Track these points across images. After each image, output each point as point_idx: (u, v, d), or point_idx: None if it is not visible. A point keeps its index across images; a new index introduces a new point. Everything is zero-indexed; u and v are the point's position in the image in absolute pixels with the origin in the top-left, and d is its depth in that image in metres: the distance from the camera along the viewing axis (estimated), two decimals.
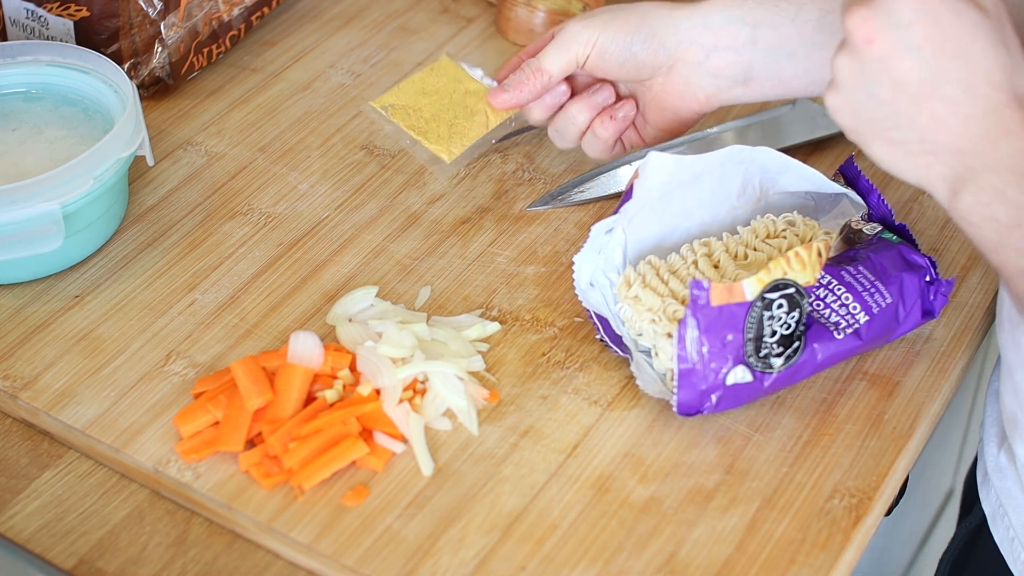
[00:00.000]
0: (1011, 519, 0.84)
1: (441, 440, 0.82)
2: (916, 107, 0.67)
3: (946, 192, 0.68)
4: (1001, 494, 0.85)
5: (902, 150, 0.68)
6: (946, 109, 0.66)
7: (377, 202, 0.99)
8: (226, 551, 0.78)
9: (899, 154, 0.69)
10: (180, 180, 1.01)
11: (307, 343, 0.83)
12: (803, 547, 0.76)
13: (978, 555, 0.91)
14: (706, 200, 0.86)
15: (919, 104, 0.66)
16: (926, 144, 0.67)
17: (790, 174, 0.87)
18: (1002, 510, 0.85)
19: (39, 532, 0.78)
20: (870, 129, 0.69)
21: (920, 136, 0.67)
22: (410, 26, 1.17)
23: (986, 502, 0.87)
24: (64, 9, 1.04)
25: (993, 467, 0.86)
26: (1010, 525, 0.84)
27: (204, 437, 0.81)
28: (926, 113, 0.66)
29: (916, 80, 0.66)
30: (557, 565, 0.75)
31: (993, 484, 0.86)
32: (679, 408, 0.79)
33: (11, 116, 0.96)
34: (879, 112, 0.68)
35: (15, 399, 0.84)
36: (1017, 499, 0.83)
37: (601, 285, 0.85)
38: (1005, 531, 0.85)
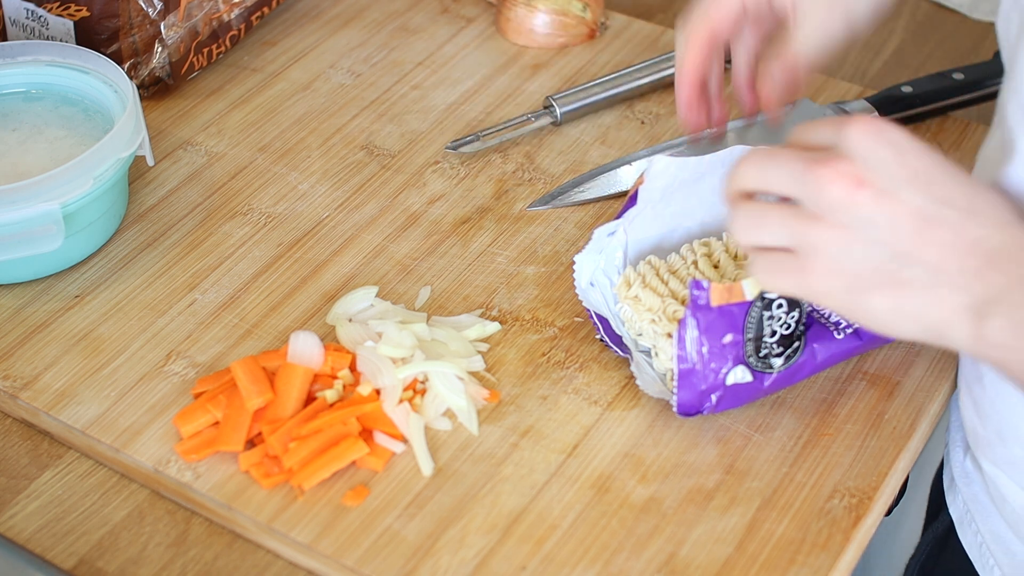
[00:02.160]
0: (979, 525, 0.84)
1: (441, 440, 0.82)
2: (919, 239, 0.63)
3: (970, 321, 0.63)
4: (968, 500, 0.85)
5: (910, 291, 0.64)
6: (952, 235, 0.63)
7: (377, 202, 0.99)
8: (226, 551, 0.78)
9: (907, 297, 0.64)
10: (180, 180, 1.01)
11: (307, 343, 0.84)
12: (803, 547, 0.76)
13: (946, 561, 0.91)
14: (706, 200, 0.86)
15: (921, 235, 0.63)
16: (939, 276, 0.63)
17: None
18: (969, 515, 0.85)
19: (39, 532, 0.78)
20: (867, 280, 0.64)
21: (932, 270, 0.63)
22: (410, 26, 1.17)
23: (953, 508, 0.87)
24: (64, 9, 1.04)
25: (960, 473, 0.86)
26: (978, 531, 0.84)
27: (204, 437, 0.81)
28: (930, 244, 0.63)
29: (912, 213, 0.63)
30: (557, 565, 0.75)
31: (960, 490, 0.86)
32: (679, 408, 0.79)
33: (11, 116, 0.96)
34: (877, 257, 0.64)
35: (15, 399, 0.84)
36: (984, 505, 0.83)
37: (601, 285, 0.85)
38: (973, 536, 0.85)
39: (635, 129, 1.05)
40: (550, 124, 1.05)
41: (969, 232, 0.63)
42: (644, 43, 1.14)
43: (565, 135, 1.05)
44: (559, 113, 1.05)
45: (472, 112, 1.07)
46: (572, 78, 1.11)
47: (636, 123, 1.06)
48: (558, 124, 1.05)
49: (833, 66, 1.14)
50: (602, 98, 1.06)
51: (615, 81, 1.07)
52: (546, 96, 1.06)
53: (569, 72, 1.11)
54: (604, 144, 1.04)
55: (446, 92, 1.09)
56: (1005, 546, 0.82)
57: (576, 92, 1.06)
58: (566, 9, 1.13)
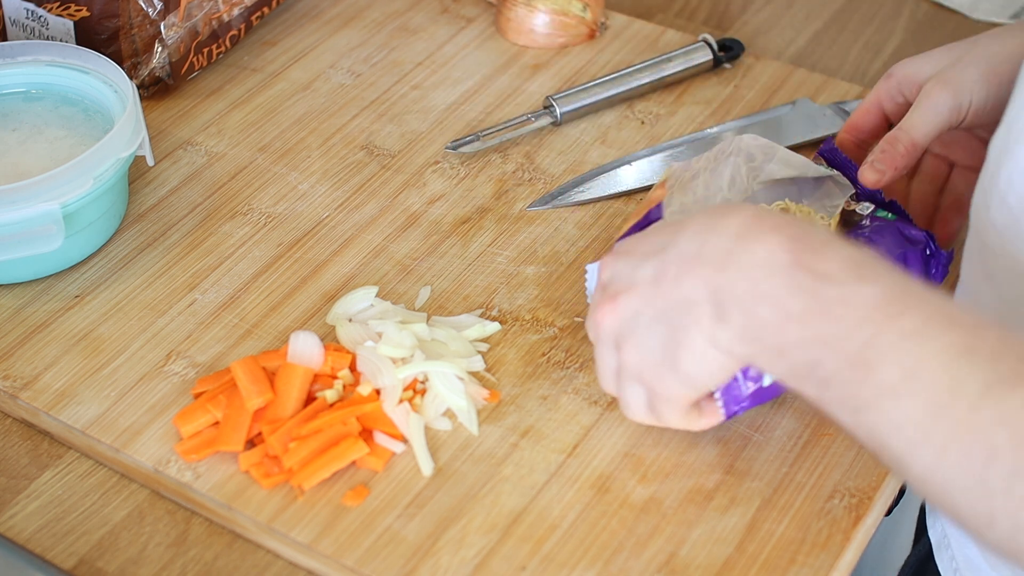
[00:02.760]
0: (954, 551, 0.84)
1: (441, 440, 0.82)
2: (668, 294, 0.68)
3: (723, 332, 0.67)
4: (946, 525, 0.85)
5: (692, 333, 0.68)
6: (677, 269, 0.68)
7: (377, 202, 0.99)
8: (226, 551, 0.78)
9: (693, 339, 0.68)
10: (180, 180, 1.01)
11: (307, 343, 0.84)
12: (803, 547, 0.76)
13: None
14: (700, 196, 0.86)
15: (666, 290, 0.68)
16: (693, 307, 0.67)
17: (774, 162, 0.86)
18: (946, 540, 0.85)
19: (39, 532, 0.78)
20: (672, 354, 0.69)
21: (687, 304, 0.68)
22: (410, 26, 1.17)
23: (932, 532, 0.87)
24: (64, 9, 1.04)
25: None
26: (953, 556, 0.84)
27: (204, 437, 0.81)
28: (673, 289, 0.68)
29: (652, 280, 0.69)
30: (557, 565, 0.75)
31: (939, 515, 0.86)
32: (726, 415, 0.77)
33: (11, 116, 0.96)
34: (662, 330, 0.69)
35: (15, 399, 0.84)
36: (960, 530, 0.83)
37: None
38: (949, 562, 0.85)
39: (635, 129, 1.05)
40: (550, 124, 1.05)
41: (687, 252, 0.67)
42: (644, 43, 1.14)
43: (565, 135, 1.05)
44: (559, 113, 1.05)
45: (472, 112, 1.07)
46: (572, 78, 1.11)
47: (636, 123, 1.06)
48: (558, 124, 1.05)
49: (833, 66, 1.14)
50: (602, 98, 1.06)
51: (615, 81, 1.07)
52: (546, 96, 1.06)
53: (569, 72, 1.11)
54: (604, 144, 1.04)
55: (446, 92, 1.09)
56: (977, 572, 0.82)
57: (576, 92, 1.06)
58: (566, 9, 1.13)
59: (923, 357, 0.60)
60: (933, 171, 0.91)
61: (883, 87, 0.87)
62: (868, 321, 0.61)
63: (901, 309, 0.61)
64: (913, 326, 0.60)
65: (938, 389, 0.59)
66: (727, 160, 0.86)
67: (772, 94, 1.09)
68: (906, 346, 0.60)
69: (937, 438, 0.59)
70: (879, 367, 0.60)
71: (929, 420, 0.59)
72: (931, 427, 0.59)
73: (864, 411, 0.62)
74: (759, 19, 1.21)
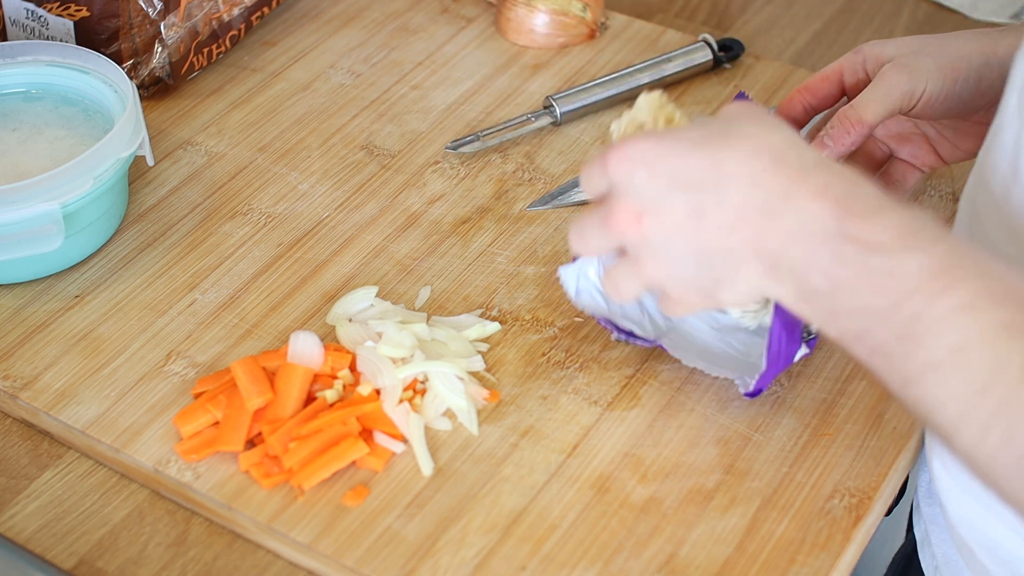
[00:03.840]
0: (934, 548, 0.84)
1: (441, 440, 0.82)
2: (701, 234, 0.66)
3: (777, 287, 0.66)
4: (928, 521, 0.85)
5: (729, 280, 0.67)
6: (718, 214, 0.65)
7: (377, 202, 0.99)
8: (226, 551, 0.78)
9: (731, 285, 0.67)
10: (180, 180, 1.01)
11: (307, 343, 0.84)
12: (803, 547, 0.76)
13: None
14: None
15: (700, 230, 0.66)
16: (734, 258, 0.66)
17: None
18: (928, 538, 0.85)
19: (39, 532, 0.78)
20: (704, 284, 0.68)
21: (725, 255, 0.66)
22: (410, 26, 1.17)
23: (916, 528, 0.88)
24: (64, 9, 1.04)
25: (924, 493, 0.86)
26: (933, 554, 0.84)
27: (204, 437, 0.81)
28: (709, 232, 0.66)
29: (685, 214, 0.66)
30: (557, 565, 0.75)
31: (923, 512, 0.86)
32: (752, 395, 0.81)
33: (11, 116, 0.96)
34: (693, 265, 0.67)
35: (15, 399, 0.84)
36: (941, 527, 0.83)
37: (586, 289, 0.84)
38: (930, 559, 0.85)
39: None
40: (550, 124, 1.05)
41: (729, 203, 0.65)
42: (644, 43, 1.14)
43: (565, 135, 1.05)
44: (559, 113, 1.05)
45: (472, 112, 1.07)
46: (572, 78, 1.11)
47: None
48: (558, 124, 1.05)
49: None
50: (602, 98, 1.06)
51: (615, 81, 1.07)
52: (546, 96, 1.06)
53: (569, 72, 1.11)
54: (604, 144, 1.04)
55: (446, 92, 1.09)
56: (955, 570, 0.82)
57: (576, 92, 1.06)
58: (566, 9, 1.13)
59: (970, 334, 0.59)
60: (872, 153, 0.92)
61: (848, 60, 0.88)
62: (916, 293, 0.60)
63: (950, 282, 0.60)
64: (961, 301, 0.59)
65: (983, 367, 0.59)
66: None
67: (772, 94, 1.09)
68: (953, 322, 0.59)
69: (981, 415, 0.59)
70: (925, 342, 0.60)
71: (973, 397, 0.59)
72: (975, 404, 0.59)
73: (911, 384, 0.61)
74: (759, 19, 1.21)
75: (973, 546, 0.79)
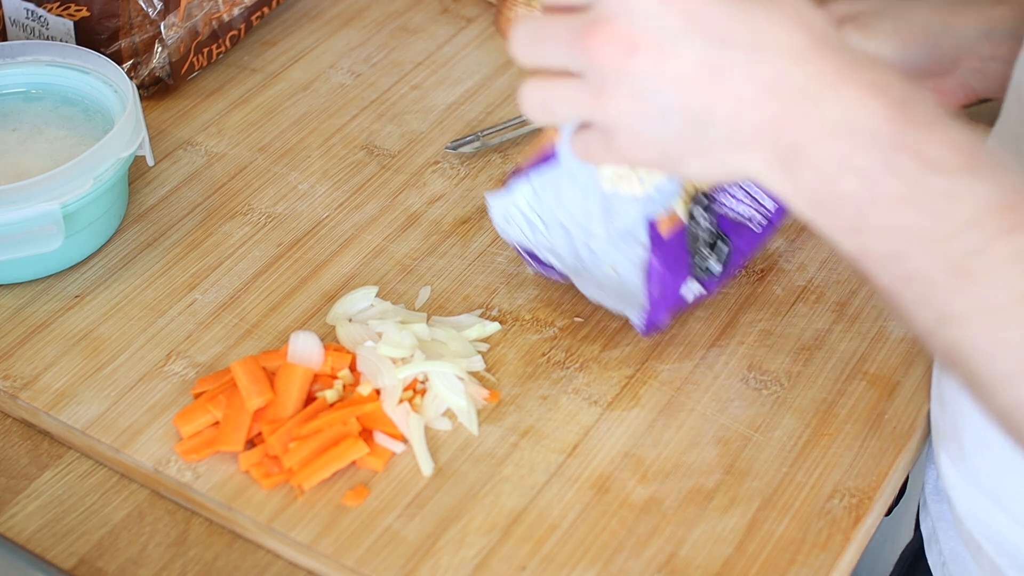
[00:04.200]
0: (942, 545, 0.84)
1: (441, 440, 0.82)
2: (708, 96, 0.56)
3: (783, 182, 0.57)
4: (936, 519, 0.85)
5: (717, 154, 0.58)
6: (740, 82, 0.56)
7: (377, 202, 0.99)
8: (226, 551, 0.78)
9: (717, 160, 0.58)
10: (180, 180, 1.01)
11: (307, 343, 0.84)
12: (803, 547, 0.76)
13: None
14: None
15: (709, 91, 0.56)
16: (739, 135, 0.57)
17: None
18: (935, 535, 0.85)
19: (39, 532, 0.78)
20: (676, 148, 0.58)
21: (728, 129, 0.57)
22: (410, 26, 1.17)
23: (923, 526, 0.87)
24: (64, 9, 1.04)
25: (931, 491, 0.86)
26: (941, 551, 0.84)
27: (204, 437, 0.81)
28: (720, 98, 0.56)
29: (695, 66, 0.56)
30: (557, 565, 0.75)
31: (930, 509, 0.86)
32: (644, 331, 0.85)
33: (11, 116, 0.96)
34: (676, 124, 0.58)
35: (15, 399, 0.84)
36: (949, 523, 0.83)
37: (515, 218, 0.84)
38: (937, 556, 0.85)
39: None
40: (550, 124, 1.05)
41: (758, 74, 0.56)
42: None
43: None
44: None
45: (472, 112, 1.07)
46: None
47: None
48: None
49: None
50: None
51: None
52: None
53: None
54: None
55: (446, 92, 1.09)
56: (963, 567, 0.82)
57: None
58: None
59: None
60: None
61: None
62: (978, 226, 0.53)
63: (1020, 220, 0.53)
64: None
65: None
66: None
67: None
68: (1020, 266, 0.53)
69: None
70: (983, 282, 0.53)
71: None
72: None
73: (952, 324, 0.55)
74: None
75: (980, 540, 0.79)
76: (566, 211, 0.83)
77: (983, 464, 0.77)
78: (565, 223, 0.83)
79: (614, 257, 0.82)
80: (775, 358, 0.86)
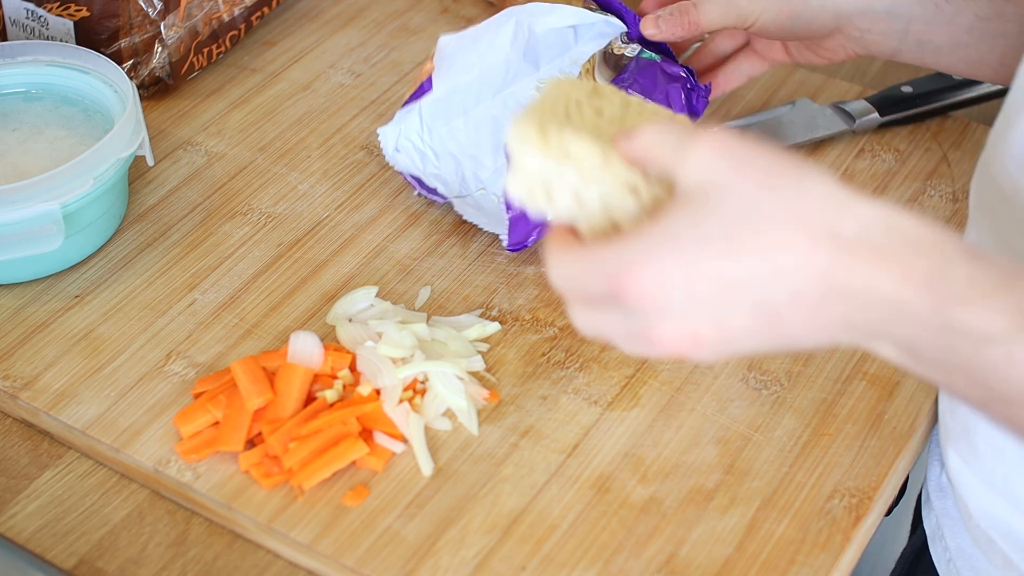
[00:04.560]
0: (947, 541, 0.84)
1: (441, 440, 0.82)
2: (777, 333, 0.58)
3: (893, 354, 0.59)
4: (940, 515, 0.85)
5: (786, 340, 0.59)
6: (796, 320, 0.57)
7: (377, 202, 0.99)
8: (226, 551, 0.78)
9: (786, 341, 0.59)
10: (180, 180, 1.01)
11: (307, 343, 0.84)
12: (803, 547, 0.76)
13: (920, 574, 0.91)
14: (484, 52, 0.94)
15: (776, 331, 0.58)
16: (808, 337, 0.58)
17: (554, 15, 0.93)
18: (940, 531, 0.85)
19: (39, 532, 0.78)
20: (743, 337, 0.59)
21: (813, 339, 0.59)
22: (410, 26, 1.17)
23: (927, 522, 0.87)
24: (64, 9, 1.04)
25: (935, 487, 0.86)
26: (947, 547, 0.84)
27: (204, 437, 0.81)
28: (789, 330, 0.58)
29: (751, 319, 0.57)
30: (557, 565, 0.75)
31: (934, 505, 0.86)
32: (510, 247, 0.90)
33: (11, 116, 0.96)
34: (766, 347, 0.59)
35: (15, 399, 0.84)
36: (954, 520, 0.83)
37: (406, 148, 0.95)
38: (943, 552, 0.85)
39: None
40: None
41: (804, 297, 0.56)
42: None
43: None
44: None
45: None
46: None
47: None
48: None
49: (833, 66, 1.14)
50: None
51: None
52: None
53: None
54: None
55: None
56: (970, 563, 0.82)
57: None
58: None
59: None
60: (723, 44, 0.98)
61: None
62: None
63: None
64: None
65: None
66: (509, 21, 0.93)
67: (772, 94, 1.09)
68: None
69: None
70: None
71: None
72: None
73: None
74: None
75: (994, 536, 0.79)
76: (457, 143, 0.95)
77: (996, 465, 0.77)
78: (455, 153, 0.95)
79: (499, 185, 0.94)
80: (775, 358, 0.86)
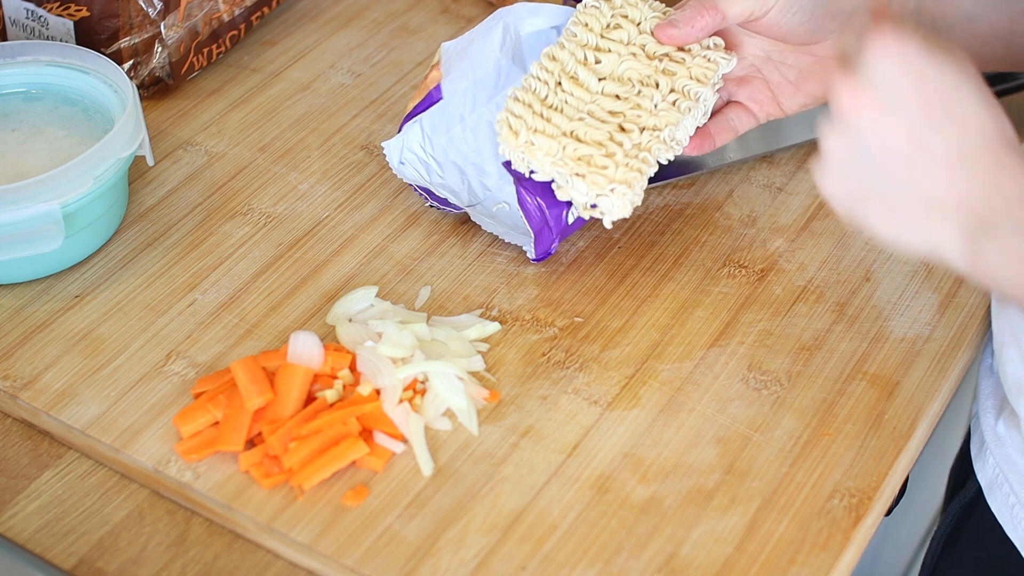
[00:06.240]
0: (1012, 485, 0.85)
1: (441, 440, 0.82)
2: (912, 166, 0.66)
3: (964, 251, 0.67)
4: (1001, 462, 0.86)
5: (905, 216, 0.68)
6: (943, 162, 0.66)
7: (377, 202, 0.99)
8: (226, 551, 0.78)
9: (903, 221, 0.68)
10: (180, 180, 1.01)
11: (307, 343, 0.84)
12: (803, 547, 0.76)
13: (972, 528, 0.91)
14: (476, 57, 0.93)
15: (914, 162, 0.66)
16: (932, 204, 0.66)
17: (540, 15, 0.93)
18: (1001, 477, 0.86)
19: (39, 532, 0.78)
20: (868, 202, 0.68)
21: (922, 196, 0.67)
22: (410, 26, 1.17)
23: (982, 474, 0.88)
24: (64, 9, 1.04)
25: (991, 437, 0.87)
26: (1010, 492, 0.85)
27: (204, 437, 0.81)
28: (923, 171, 0.66)
29: (907, 138, 0.66)
30: (557, 565, 0.75)
31: (992, 453, 0.87)
32: (536, 258, 0.91)
33: (11, 116, 0.96)
34: (876, 181, 0.68)
35: (15, 399, 0.84)
36: (1018, 464, 0.84)
37: (410, 160, 0.94)
38: (1004, 499, 0.85)
39: None
40: None
41: (957, 158, 0.66)
42: None
43: None
44: None
45: None
46: None
47: None
48: None
49: None
50: None
51: None
52: None
53: None
54: None
55: None
56: None
57: None
58: None
59: None
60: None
61: None
62: None
63: None
64: None
65: None
66: (498, 25, 0.93)
67: None
68: None
69: None
70: None
71: None
72: None
73: None
74: None
75: None
76: (458, 152, 0.93)
77: None
78: (458, 163, 0.93)
79: (507, 192, 0.92)
80: (775, 358, 0.86)
